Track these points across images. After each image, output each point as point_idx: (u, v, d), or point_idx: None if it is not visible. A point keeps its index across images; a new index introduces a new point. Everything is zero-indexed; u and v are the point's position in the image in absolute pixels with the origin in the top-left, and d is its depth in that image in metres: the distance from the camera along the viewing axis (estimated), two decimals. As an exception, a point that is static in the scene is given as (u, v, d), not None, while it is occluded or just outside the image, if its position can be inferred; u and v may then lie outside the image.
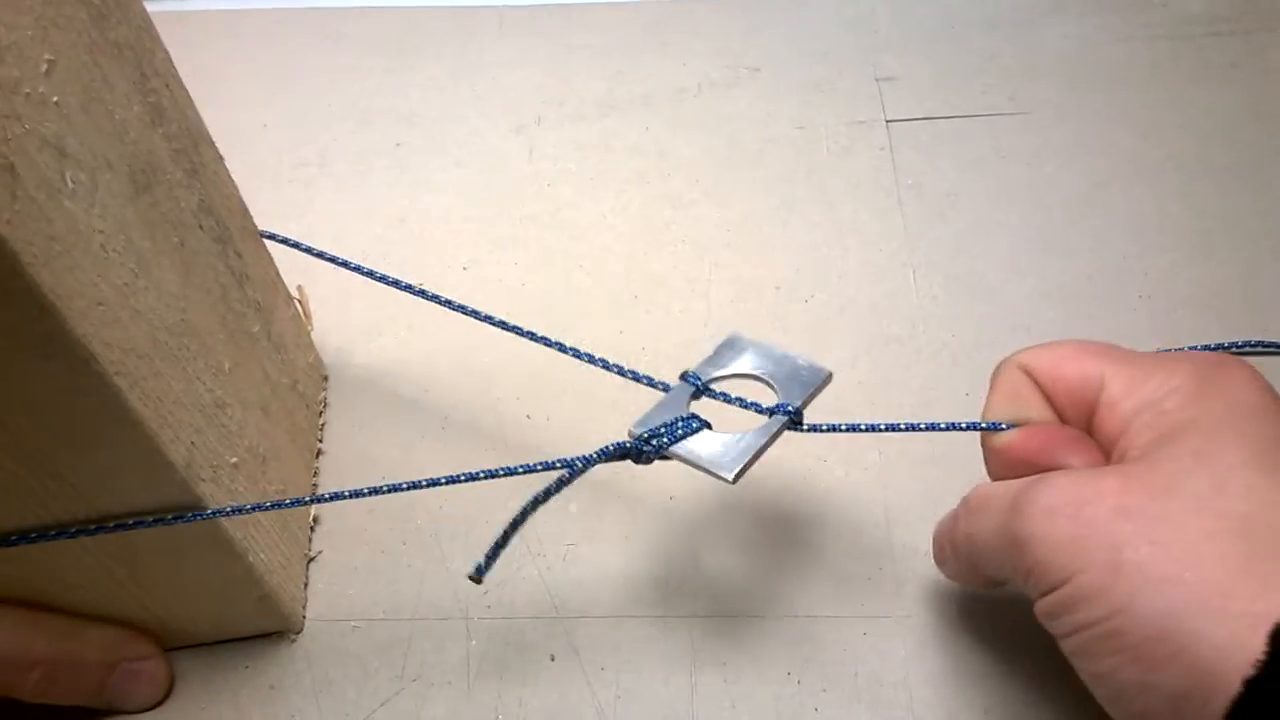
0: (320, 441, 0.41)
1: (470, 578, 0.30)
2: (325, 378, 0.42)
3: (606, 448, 0.30)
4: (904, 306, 0.44)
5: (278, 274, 0.38)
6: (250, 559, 0.32)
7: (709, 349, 0.43)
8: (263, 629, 0.35)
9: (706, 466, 0.29)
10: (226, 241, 0.33)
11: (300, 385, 0.39)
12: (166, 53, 0.31)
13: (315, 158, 0.51)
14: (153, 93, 0.29)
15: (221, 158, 0.34)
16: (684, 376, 0.32)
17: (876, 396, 0.41)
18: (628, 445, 0.30)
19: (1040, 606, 0.26)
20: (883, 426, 0.32)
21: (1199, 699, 0.22)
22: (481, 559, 0.30)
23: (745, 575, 0.37)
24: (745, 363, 0.32)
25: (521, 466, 0.30)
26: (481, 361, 0.43)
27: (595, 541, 0.38)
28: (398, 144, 0.52)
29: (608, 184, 0.50)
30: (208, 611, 0.34)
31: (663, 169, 0.50)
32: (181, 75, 0.55)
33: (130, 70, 0.28)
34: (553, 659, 0.35)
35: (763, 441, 0.30)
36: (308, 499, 0.33)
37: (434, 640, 0.36)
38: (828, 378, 0.32)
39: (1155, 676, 0.23)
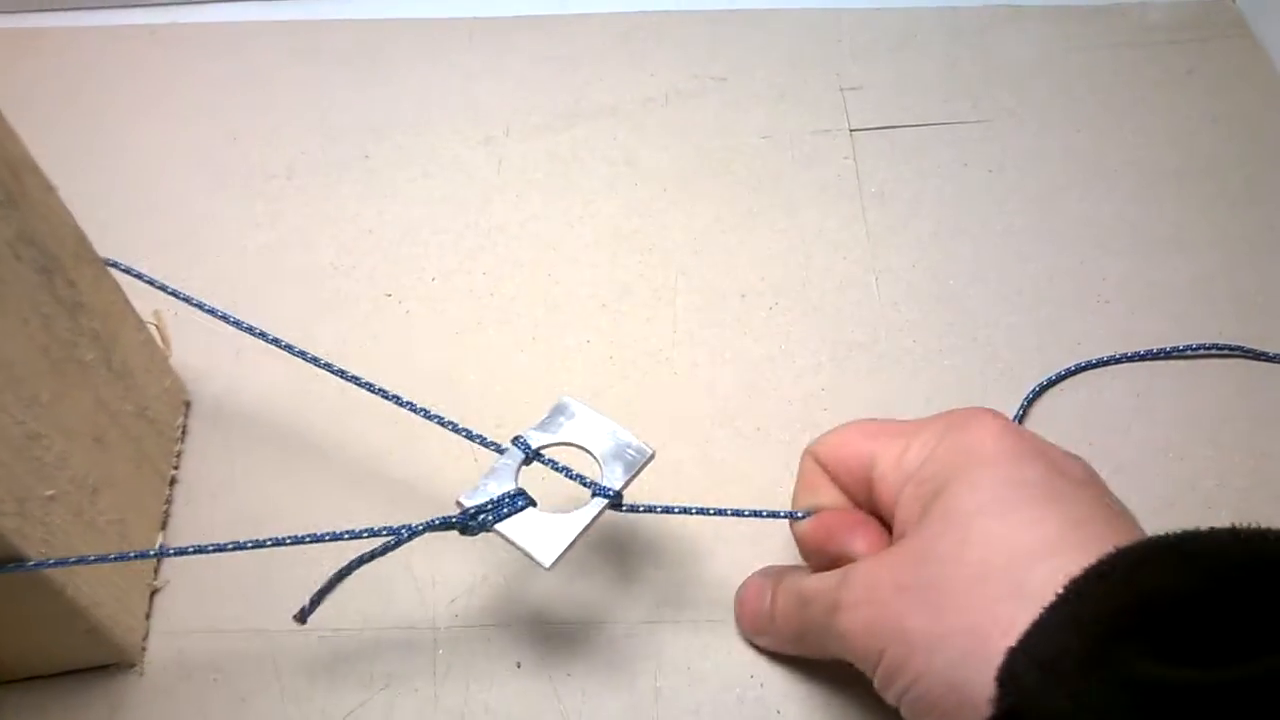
0: (175, 469, 0.40)
1: (295, 619, 0.32)
2: (186, 403, 0.42)
3: (434, 520, 0.31)
4: (867, 313, 0.45)
5: (125, 300, 0.37)
6: (70, 593, 0.31)
7: (674, 356, 0.44)
8: (96, 661, 0.35)
9: (526, 551, 0.30)
10: (53, 271, 0.32)
11: (150, 411, 0.38)
12: None
13: (284, 169, 0.51)
14: None
15: (52, 187, 0.33)
16: (515, 441, 0.33)
17: (839, 403, 0.42)
18: (453, 519, 0.31)
19: (875, 686, 0.28)
20: (694, 510, 0.33)
21: None
22: (307, 602, 0.33)
23: (708, 580, 0.37)
24: (574, 432, 0.33)
25: (347, 533, 0.31)
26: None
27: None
28: (366, 155, 0.52)
29: (576, 194, 0.50)
30: (34, 646, 0.33)
31: (630, 178, 0.51)
32: (151, 88, 0.55)
33: None
34: (519, 666, 0.35)
35: (582, 526, 0.31)
36: (132, 554, 0.34)
37: (400, 649, 0.36)
38: (650, 457, 0.33)
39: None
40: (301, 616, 0.34)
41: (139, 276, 0.39)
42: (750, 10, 0.58)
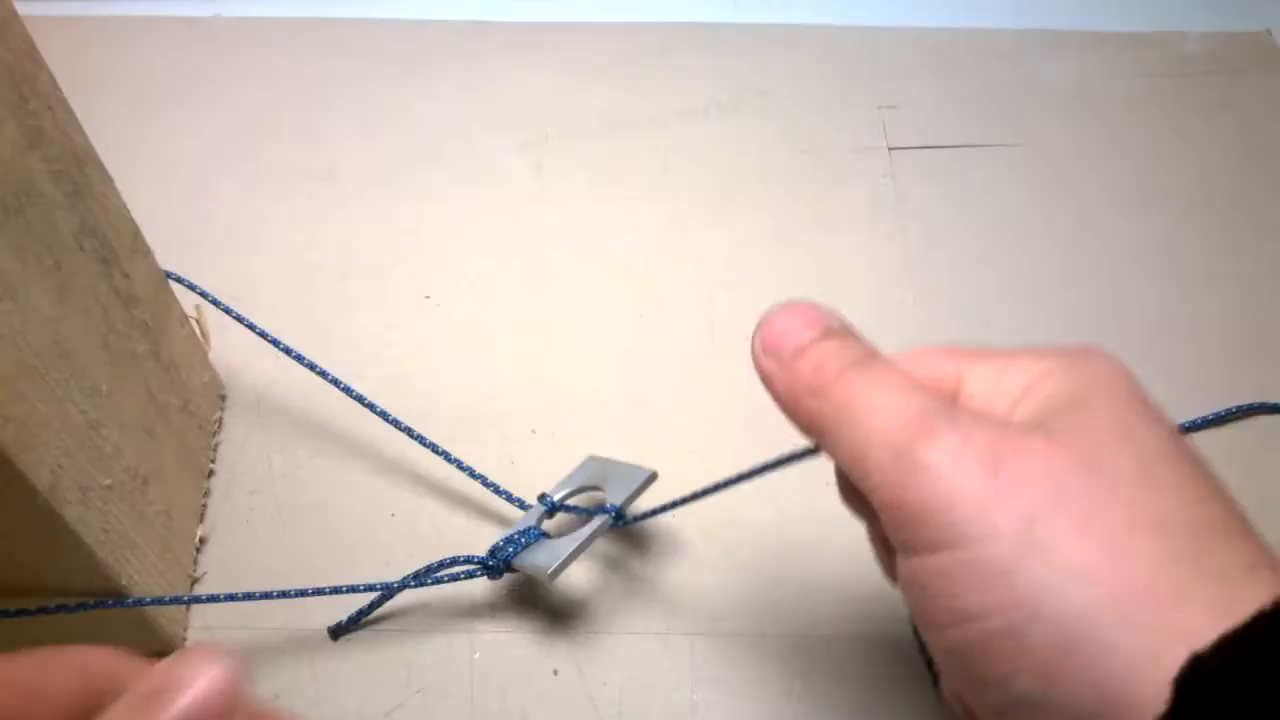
0: (213, 462, 0.40)
1: (329, 632, 0.36)
2: (223, 397, 0.42)
3: (461, 563, 0.35)
4: (903, 332, 0.45)
5: (171, 295, 0.38)
6: (125, 582, 0.32)
7: (711, 368, 0.44)
8: (141, 649, 0.35)
9: (529, 571, 0.34)
10: (111, 263, 0.33)
11: (192, 405, 0.39)
12: (50, 74, 0.30)
13: (323, 169, 0.51)
14: (32, 115, 0.29)
15: (110, 179, 0.34)
16: (541, 499, 0.37)
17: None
18: (480, 566, 0.35)
19: (910, 567, 0.21)
20: (705, 492, 0.32)
21: None
22: (344, 619, 0.36)
23: (745, 593, 0.37)
24: (591, 476, 0.37)
25: (382, 586, 0.35)
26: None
27: (598, 558, 0.38)
28: (405, 157, 0.52)
29: (613, 202, 0.50)
30: (84, 635, 0.33)
31: (668, 189, 0.51)
32: (189, 82, 0.55)
33: (6, 94, 0.28)
34: (556, 674, 0.35)
35: (580, 540, 0.34)
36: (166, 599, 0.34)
37: (437, 653, 0.36)
38: (650, 476, 0.36)
39: (1060, 692, 0.19)
40: (335, 633, 0.36)
41: (192, 288, 0.40)
42: (791, 25, 0.58)
